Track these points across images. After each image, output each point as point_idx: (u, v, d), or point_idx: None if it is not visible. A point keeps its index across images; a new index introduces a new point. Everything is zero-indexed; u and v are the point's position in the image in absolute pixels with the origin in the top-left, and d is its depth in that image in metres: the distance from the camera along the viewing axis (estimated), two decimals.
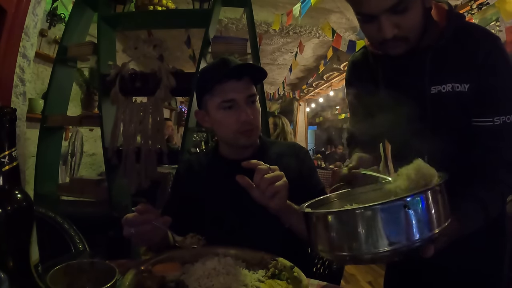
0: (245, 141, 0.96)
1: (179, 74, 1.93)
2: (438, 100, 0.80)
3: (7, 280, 0.46)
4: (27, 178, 2.21)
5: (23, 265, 0.54)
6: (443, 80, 0.79)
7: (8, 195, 0.54)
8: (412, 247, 0.52)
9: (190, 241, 0.79)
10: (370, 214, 0.52)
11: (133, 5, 2.16)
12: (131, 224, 0.75)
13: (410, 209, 0.50)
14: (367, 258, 0.54)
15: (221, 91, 0.92)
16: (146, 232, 0.75)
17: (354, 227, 0.52)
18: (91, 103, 2.72)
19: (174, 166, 2.45)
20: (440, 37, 0.78)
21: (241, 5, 2.20)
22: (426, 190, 0.54)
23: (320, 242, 0.57)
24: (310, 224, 0.59)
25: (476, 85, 0.77)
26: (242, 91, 0.91)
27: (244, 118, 0.91)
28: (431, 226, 0.53)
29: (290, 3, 3.06)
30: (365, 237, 0.52)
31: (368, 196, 0.71)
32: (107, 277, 0.52)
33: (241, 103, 0.91)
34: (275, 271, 0.72)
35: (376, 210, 0.51)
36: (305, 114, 8.18)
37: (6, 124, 0.54)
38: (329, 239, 0.56)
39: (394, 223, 0.51)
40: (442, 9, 0.81)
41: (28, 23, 1.86)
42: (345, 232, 0.54)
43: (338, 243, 0.55)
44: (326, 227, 0.56)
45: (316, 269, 1.13)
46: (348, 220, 0.53)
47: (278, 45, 4.88)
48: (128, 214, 0.76)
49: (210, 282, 0.64)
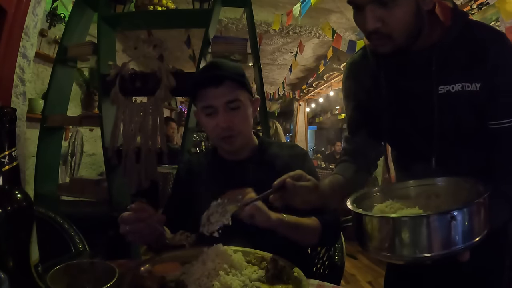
0: (226, 147, 0.97)
1: (179, 74, 1.93)
2: (446, 100, 0.77)
3: (7, 280, 0.46)
4: (27, 178, 2.21)
5: (23, 265, 0.54)
6: (452, 79, 0.76)
7: (8, 195, 0.54)
8: (452, 254, 0.56)
9: (179, 238, 0.80)
10: (418, 222, 0.56)
11: (133, 5, 2.16)
12: (126, 222, 0.76)
13: (456, 220, 0.54)
14: (409, 261, 0.59)
15: (202, 96, 0.93)
16: (141, 229, 0.76)
17: (400, 232, 0.57)
18: (91, 103, 2.73)
19: (174, 166, 2.45)
20: (446, 35, 0.76)
21: (241, 5, 2.20)
22: (472, 204, 0.56)
23: (369, 241, 0.61)
24: (360, 223, 0.62)
25: (488, 84, 0.74)
26: (220, 97, 0.91)
27: (222, 124, 0.91)
28: (472, 235, 0.56)
29: (290, 3, 3.06)
30: (410, 242, 0.56)
31: (409, 192, 0.74)
32: (107, 277, 0.52)
33: (220, 109, 0.91)
34: (275, 271, 0.72)
35: (424, 219, 0.55)
36: (305, 114, 8.18)
37: (6, 124, 0.54)
38: (377, 240, 0.60)
39: (439, 232, 0.55)
40: (446, 7, 0.79)
41: (28, 23, 1.86)
42: (391, 236, 0.58)
43: (385, 245, 0.59)
44: (376, 229, 0.60)
45: (316, 269, 1.13)
46: (396, 226, 0.57)
47: (278, 45, 4.88)
48: (125, 212, 0.77)
49: (210, 282, 0.65)
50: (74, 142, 2.98)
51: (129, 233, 0.76)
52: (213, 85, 0.90)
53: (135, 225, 0.76)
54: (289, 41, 4.66)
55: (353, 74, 0.95)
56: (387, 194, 0.74)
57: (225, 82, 0.91)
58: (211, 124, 0.93)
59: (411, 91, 0.82)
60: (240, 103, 0.93)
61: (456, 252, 0.56)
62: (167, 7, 2.13)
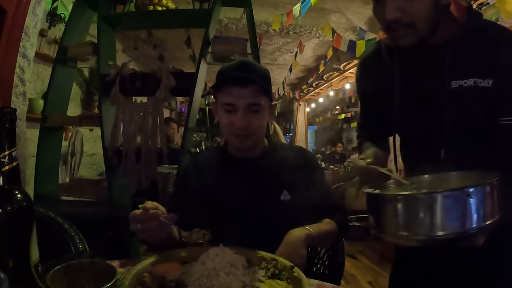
0: (237, 144, 0.98)
1: (179, 74, 1.93)
2: (458, 95, 0.79)
3: (7, 280, 0.46)
4: (27, 178, 2.21)
5: (23, 265, 0.54)
6: (464, 74, 0.78)
7: (8, 195, 0.54)
8: (466, 234, 0.57)
9: (196, 236, 0.80)
10: (435, 199, 0.57)
11: (133, 5, 2.16)
12: (138, 220, 0.76)
13: (472, 198, 0.55)
14: (425, 241, 0.60)
15: (226, 93, 0.94)
16: (153, 228, 0.76)
17: (417, 209, 0.58)
18: (91, 103, 2.73)
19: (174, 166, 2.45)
20: (460, 32, 0.78)
21: (241, 5, 2.20)
22: (487, 183, 0.58)
23: (386, 222, 0.63)
24: (376, 205, 0.64)
25: (500, 81, 0.76)
26: (244, 98, 0.92)
27: (238, 124, 0.92)
28: (486, 216, 0.58)
29: (290, 3, 3.06)
30: (426, 220, 0.57)
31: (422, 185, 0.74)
32: (107, 277, 0.52)
33: (240, 109, 0.92)
34: (275, 271, 0.72)
35: (439, 196, 0.57)
36: (305, 114, 8.17)
37: (6, 124, 0.54)
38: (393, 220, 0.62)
39: (455, 210, 0.56)
40: (461, 5, 0.82)
41: (28, 23, 1.86)
42: (408, 214, 0.59)
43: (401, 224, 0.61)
44: (392, 208, 0.62)
45: (316, 269, 1.13)
46: (412, 203, 0.59)
47: (278, 45, 4.88)
48: (136, 210, 0.78)
49: (210, 282, 0.64)
50: (74, 142, 2.98)
51: (140, 231, 0.77)
52: (240, 84, 0.92)
53: (147, 223, 0.76)
54: (289, 41, 4.66)
55: (366, 68, 0.98)
56: (400, 186, 0.75)
57: (252, 85, 0.92)
58: (227, 120, 0.95)
59: (424, 85, 0.83)
60: (260, 107, 0.95)
61: (470, 234, 0.57)
62: (167, 7, 2.12)
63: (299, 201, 0.96)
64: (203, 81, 2.23)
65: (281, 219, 0.94)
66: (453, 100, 0.79)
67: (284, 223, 0.95)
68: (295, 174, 0.99)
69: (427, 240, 0.59)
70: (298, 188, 0.97)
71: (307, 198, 0.98)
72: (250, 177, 0.99)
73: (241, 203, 0.95)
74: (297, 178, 0.99)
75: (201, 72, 1.94)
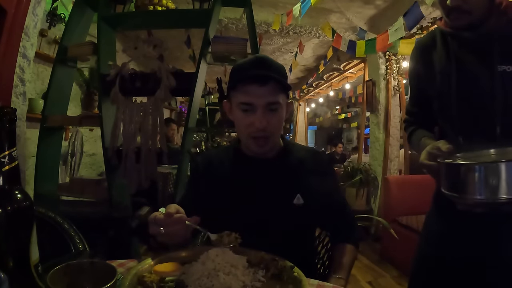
0: (255, 147, 0.94)
1: (179, 74, 1.93)
2: (505, 78, 0.85)
3: (7, 280, 0.46)
4: (27, 178, 2.21)
5: (23, 265, 0.54)
6: (508, 60, 0.85)
7: (8, 195, 0.54)
8: None
9: (227, 239, 0.78)
10: (498, 167, 0.64)
11: (133, 5, 2.16)
12: (162, 224, 0.75)
13: None
14: (483, 204, 0.67)
15: (243, 92, 0.90)
16: (177, 231, 0.76)
17: (485, 177, 0.65)
18: (91, 103, 2.73)
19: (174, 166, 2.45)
20: (508, 19, 0.86)
21: (241, 5, 2.20)
22: None
23: (464, 190, 0.68)
24: (452, 174, 0.71)
25: None
26: (262, 97, 0.88)
27: (258, 125, 0.89)
28: None
29: (290, 3, 3.06)
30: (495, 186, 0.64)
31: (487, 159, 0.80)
32: (107, 277, 0.52)
33: (259, 109, 0.88)
34: (275, 271, 0.72)
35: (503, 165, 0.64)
36: (305, 114, 8.18)
37: (6, 124, 0.54)
38: (473, 187, 0.68)
39: None
40: None
41: (28, 23, 1.86)
42: (490, 180, 0.65)
43: (481, 191, 0.66)
44: (475, 176, 0.67)
45: (316, 269, 1.13)
46: (482, 171, 0.66)
47: (278, 45, 4.88)
48: (156, 212, 0.77)
49: (210, 282, 0.64)
50: (74, 142, 2.98)
51: (162, 235, 0.76)
52: (258, 83, 0.88)
53: (171, 227, 0.75)
54: (289, 41, 4.66)
55: (421, 52, 1.05)
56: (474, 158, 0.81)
57: (270, 83, 0.88)
58: (245, 121, 0.91)
59: (475, 67, 0.90)
60: (279, 105, 0.91)
61: None
62: (167, 7, 2.12)
63: (312, 206, 0.94)
64: (203, 81, 2.23)
65: (292, 223, 0.94)
66: (502, 82, 0.87)
67: (295, 227, 0.95)
68: (310, 178, 0.97)
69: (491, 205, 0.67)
70: (312, 193, 0.95)
71: (321, 204, 0.97)
72: (263, 178, 0.96)
73: (252, 204, 0.93)
74: (312, 182, 0.96)
75: (201, 72, 1.94)
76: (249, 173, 0.99)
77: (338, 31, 3.25)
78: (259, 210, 0.93)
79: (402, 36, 2.39)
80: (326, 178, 1.02)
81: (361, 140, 4.95)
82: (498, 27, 0.87)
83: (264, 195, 0.94)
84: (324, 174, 1.02)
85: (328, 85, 6.01)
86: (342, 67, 4.93)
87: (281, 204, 0.94)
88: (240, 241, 0.78)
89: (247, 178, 0.98)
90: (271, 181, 0.96)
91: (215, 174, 1.01)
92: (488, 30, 0.88)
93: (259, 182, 0.96)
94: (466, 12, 0.86)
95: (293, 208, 0.93)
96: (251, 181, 0.96)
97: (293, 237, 0.94)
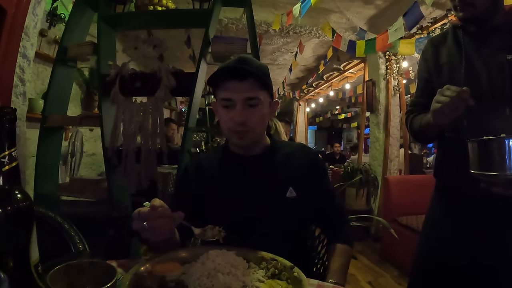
0: (236, 140, 0.96)
1: (179, 74, 1.93)
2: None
3: (7, 280, 0.46)
4: (27, 178, 2.21)
5: (23, 265, 0.54)
6: None
7: (8, 195, 0.54)
8: None
9: (211, 233, 0.78)
10: None
11: (133, 5, 2.16)
12: (146, 218, 0.72)
13: None
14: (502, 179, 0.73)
15: (223, 88, 0.93)
16: (161, 226, 0.73)
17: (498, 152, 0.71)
18: (91, 103, 2.72)
19: (174, 166, 2.45)
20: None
21: (241, 5, 2.20)
22: None
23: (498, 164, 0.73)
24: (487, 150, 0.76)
25: None
26: (241, 92, 0.90)
27: (237, 119, 0.91)
28: None
29: (290, 3, 3.06)
30: None
31: None
32: (107, 277, 0.52)
33: (238, 104, 0.91)
34: (275, 271, 0.72)
35: None
36: (305, 114, 8.18)
37: (6, 124, 0.54)
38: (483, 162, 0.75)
39: None
40: None
41: (28, 23, 1.86)
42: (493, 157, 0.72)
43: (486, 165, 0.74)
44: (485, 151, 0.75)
45: (316, 269, 1.13)
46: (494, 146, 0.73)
47: (278, 45, 4.88)
48: (140, 208, 0.75)
49: (210, 282, 0.65)
50: (74, 142, 2.98)
51: (145, 230, 0.73)
52: (237, 78, 0.90)
53: (155, 221, 0.73)
54: (289, 41, 4.66)
55: (432, 46, 1.14)
56: None
57: (249, 79, 0.90)
58: (226, 117, 0.93)
59: (486, 56, 0.98)
60: (259, 101, 0.92)
61: None
62: (167, 7, 2.12)
63: (305, 198, 0.96)
64: (203, 81, 2.23)
65: (287, 216, 0.95)
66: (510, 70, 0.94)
67: (290, 221, 0.96)
68: (299, 171, 0.99)
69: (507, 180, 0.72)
70: (303, 185, 0.97)
71: (313, 195, 0.99)
72: (253, 174, 0.98)
73: (244, 200, 0.94)
74: (302, 175, 0.98)
75: (201, 72, 1.94)
76: (237, 170, 1.01)
77: (338, 31, 3.25)
78: (250, 206, 0.94)
79: (402, 36, 2.40)
80: (316, 169, 1.03)
81: (361, 140, 4.95)
82: (505, 22, 0.97)
83: (255, 190, 0.95)
84: (313, 166, 1.03)
85: (328, 85, 6.01)
86: (342, 67, 4.93)
87: (274, 198, 0.95)
88: (224, 234, 0.78)
89: (236, 175, 1.00)
90: (261, 177, 0.98)
91: (204, 174, 1.03)
92: (495, 24, 0.97)
93: (248, 179, 0.98)
94: (470, 5, 0.96)
95: (286, 201, 0.95)
96: (239, 178, 0.99)
97: (287, 233, 0.95)
